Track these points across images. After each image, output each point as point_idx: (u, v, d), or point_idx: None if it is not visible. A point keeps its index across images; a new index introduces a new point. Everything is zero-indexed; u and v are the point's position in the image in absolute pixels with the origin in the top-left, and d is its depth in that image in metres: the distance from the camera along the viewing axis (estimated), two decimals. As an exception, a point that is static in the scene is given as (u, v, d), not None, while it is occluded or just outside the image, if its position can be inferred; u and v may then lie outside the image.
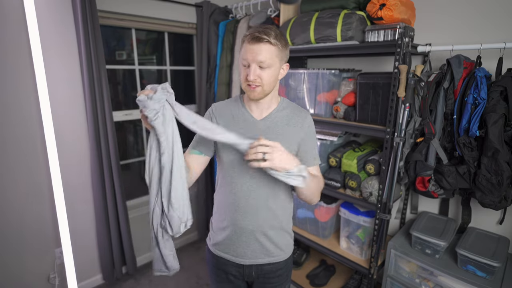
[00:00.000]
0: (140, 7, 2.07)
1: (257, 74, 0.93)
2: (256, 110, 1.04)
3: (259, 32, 0.90)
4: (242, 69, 0.96)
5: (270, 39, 0.90)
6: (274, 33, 0.92)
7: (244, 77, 0.95)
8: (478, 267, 1.31)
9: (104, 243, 2.08)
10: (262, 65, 0.92)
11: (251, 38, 0.91)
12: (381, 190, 1.53)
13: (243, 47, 0.94)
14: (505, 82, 1.22)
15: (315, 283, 1.97)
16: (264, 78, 0.94)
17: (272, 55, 0.92)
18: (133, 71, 2.30)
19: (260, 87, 0.95)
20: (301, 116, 1.06)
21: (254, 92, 0.96)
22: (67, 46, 1.79)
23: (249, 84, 0.95)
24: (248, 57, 0.92)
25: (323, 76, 1.73)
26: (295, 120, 1.05)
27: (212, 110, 1.08)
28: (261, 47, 0.90)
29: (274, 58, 0.93)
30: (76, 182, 1.96)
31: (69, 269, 1.18)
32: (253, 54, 0.91)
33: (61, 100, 1.82)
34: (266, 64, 0.92)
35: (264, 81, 0.94)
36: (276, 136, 1.00)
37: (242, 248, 1.05)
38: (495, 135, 1.22)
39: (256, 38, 0.90)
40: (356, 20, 1.51)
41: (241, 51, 0.96)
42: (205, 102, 2.47)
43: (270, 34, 0.91)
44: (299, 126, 1.04)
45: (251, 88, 0.96)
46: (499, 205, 1.29)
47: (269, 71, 0.94)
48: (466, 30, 1.51)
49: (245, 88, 0.97)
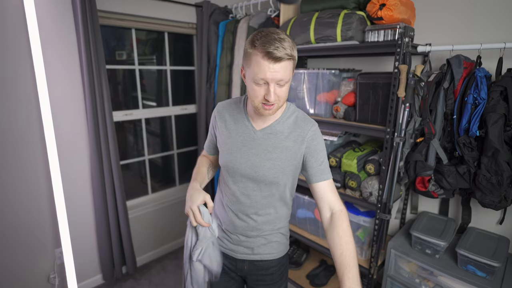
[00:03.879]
0: (140, 7, 2.07)
1: (277, 93, 0.85)
2: (258, 120, 0.99)
3: (276, 48, 0.79)
4: (255, 87, 0.85)
5: (289, 54, 0.81)
6: (288, 42, 0.82)
7: (261, 97, 0.86)
8: (478, 267, 1.31)
9: (104, 243, 2.08)
10: (281, 83, 0.84)
11: (269, 57, 0.79)
12: (381, 190, 1.53)
13: (255, 62, 0.82)
14: (505, 82, 1.22)
15: (315, 283, 1.97)
16: (281, 96, 0.87)
17: (290, 70, 0.85)
18: (133, 71, 2.30)
19: (276, 104, 0.88)
20: (304, 129, 0.98)
21: (270, 111, 0.89)
22: (67, 46, 1.79)
23: (266, 103, 0.87)
24: (267, 77, 0.81)
25: (323, 76, 1.73)
26: (296, 133, 0.98)
27: (216, 111, 1.09)
28: (281, 66, 0.81)
29: (291, 72, 0.86)
30: (76, 182, 1.96)
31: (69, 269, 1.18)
32: (274, 74, 0.81)
33: (61, 100, 1.82)
34: (285, 82, 0.85)
35: (282, 99, 0.88)
36: (273, 149, 0.98)
37: (235, 245, 1.09)
38: (495, 135, 1.22)
39: (277, 57, 0.79)
40: (356, 20, 1.51)
41: (251, 65, 0.83)
42: (205, 102, 2.47)
43: (286, 47, 0.80)
44: (299, 140, 0.97)
45: (267, 107, 0.88)
46: (499, 205, 1.29)
47: (286, 87, 0.87)
48: (466, 30, 1.51)
49: (259, 106, 0.88)
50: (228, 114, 1.05)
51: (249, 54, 0.84)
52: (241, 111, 1.04)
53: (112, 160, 1.99)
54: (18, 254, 1.79)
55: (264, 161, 0.98)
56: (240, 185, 1.03)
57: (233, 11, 2.40)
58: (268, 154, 0.98)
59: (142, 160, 2.49)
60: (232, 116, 1.04)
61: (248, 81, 0.88)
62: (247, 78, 0.89)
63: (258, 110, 0.90)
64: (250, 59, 0.84)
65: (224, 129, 1.04)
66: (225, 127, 1.04)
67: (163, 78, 2.48)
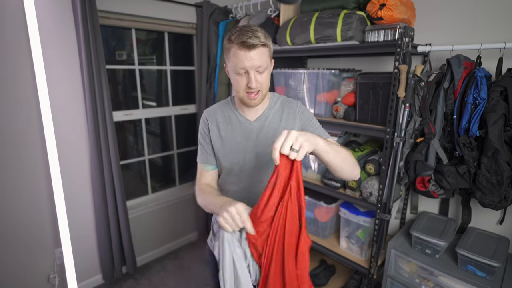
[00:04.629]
0: (140, 7, 2.07)
1: (258, 80, 0.91)
2: (249, 112, 1.04)
3: (249, 37, 0.86)
4: (237, 77, 0.92)
5: (262, 42, 0.88)
6: (261, 32, 0.89)
7: (244, 85, 0.92)
8: (478, 267, 1.31)
9: (104, 243, 2.08)
10: (260, 70, 0.90)
11: (244, 46, 0.86)
12: (381, 190, 1.53)
13: (233, 54, 0.89)
14: (505, 82, 1.22)
15: (315, 283, 1.97)
16: (263, 82, 0.93)
17: (266, 57, 0.91)
18: (133, 71, 2.30)
19: (260, 91, 0.94)
20: (291, 107, 1.05)
21: (255, 100, 0.95)
22: (67, 46, 1.79)
23: (250, 92, 0.92)
24: (246, 65, 0.88)
25: (323, 76, 1.73)
26: (286, 113, 1.04)
27: (205, 117, 1.08)
28: (256, 52, 0.87)
29: (268, 59, 0.92)
30: (76, 182, 1.96)
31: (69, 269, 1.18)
32: (251, 61, 0.88)
33: (61, 100, 1.82)
34: (263, 68, 0.91)
35: (263, 85, 0.94)
36: (274, 134, 1.01)
37: None
38: (495, 135, 1.22)
39: (251, 45, 0.86)
40: (356, 20, 1.51)
41: (230, 58, 0.90)
42: (205, 102, 2.47)
43: (259, 36, 0.87)
44: (291, 118, 1.04)
45: (251, 96, 0.93)
46: (499, 205, 1.29)
47: (266, 74, 0.93)
48: (466, 30, 1.51)
49: (244, 96, 0.95)
50: (219, 117, 1.06)
51: (227, 48, 0.91)
52: (231, 109, 1.07)
53: (112, 160, 1.99)
54: (18, 254, 1.79)
55: (268, 147, 0.99)
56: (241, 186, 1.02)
57: (233, 11, 2.40)
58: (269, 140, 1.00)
59: (142, 160, 2.49)
60: (223, 117, 1.06)
61: (231, 75, 0.95)
62: (230, 71, 0.95)
63: (244, 101, 0.96)
64: (229, 53, 0.91)
65: (218, 132, 1.05)
66: (219, 129, 1.05)
67: (163, 78, 2.48)
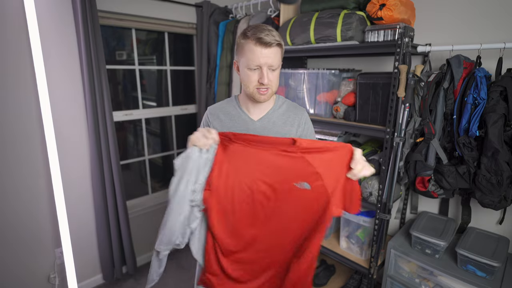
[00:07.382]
0: (140, 7, 2.07)
1: (269, 77, 0.93)
2: (254, 111, 1.05)
3: (266, 35, 0.89)
4: (249, 73, 0.94)
5: (278, 41, 0.91)
6: (275, 32, 0.93)
7: (255, 81, 0.94)
8: (478, 267, 1.31)
9: (104, 243, 2.08)
10: (272, 68, 0.94)
11: (261, 42, 0.89)
12: (381, 190, 1.53)
13: (248, 49, 0.92)
14: (505, 82, 1.22)
15: (315, 283, 1.97)
16: (274, 80, 0.96)
17: (279, 57, 0.95)
18: (133, 71, 2.30)
19: (270, 89, 0.96)
20: (297, 114, 1.08)
21: (265, 95, 0.97)
22: (67, 46, 1.79)
23: (260, 88, 0.95)
24: (261, 62, 0.91)
25: (323, 76, 1.73)
26: (292, 118, 1.07)
27: (207, 114, 1.10)
28: (272, 51, 0.91)
29: (280, 59, 0.96)
30: (76, 182, 1.96)
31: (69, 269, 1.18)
32: (266, 58, 0.91)
33: (61, 100, 1.82)
34: (276, 67, 0.94)
35: (273, 83, 0.96)
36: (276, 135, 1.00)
37: None
38: (495, 135, 1.22)
39: (267, 42, 0.89)
40: (356, 20, 1.51)
41: (245, 53, 0.93)
42: (205, 102, 2.47)
43: (275, 35, 0.91)
44: (296, 124, 1.06)
45: (261, 92, 0.96)
46: (499, 205, 1.29)
47: (277, 72, 0.96)
48: (466, 30, 1.51)
49: (254, 92, 0.96)
50: (222, 114, 1.07)
51: (241, 44, 0.94)
52: (235, 107, 1.07)
53: (112, 160, 1.99)
54: (18, 254, 1.79)
55: None
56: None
57: (233, 11, 2.40)
58: None
59: (142, 160, 2.49)
60: (227, 114, 1.07)
61: (242, 70, 0.97)
62: (241, 67, 0.97)
63: (254, 96, 0.97)
64: (243, 49, 0.93)
65: (221, 128, 1.05)
66: (222, 126, 1.05)
67: (163, 78, 2.48)
